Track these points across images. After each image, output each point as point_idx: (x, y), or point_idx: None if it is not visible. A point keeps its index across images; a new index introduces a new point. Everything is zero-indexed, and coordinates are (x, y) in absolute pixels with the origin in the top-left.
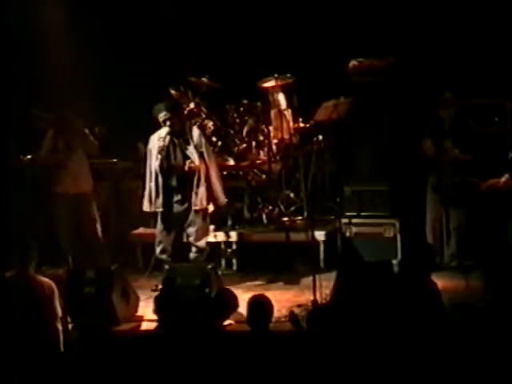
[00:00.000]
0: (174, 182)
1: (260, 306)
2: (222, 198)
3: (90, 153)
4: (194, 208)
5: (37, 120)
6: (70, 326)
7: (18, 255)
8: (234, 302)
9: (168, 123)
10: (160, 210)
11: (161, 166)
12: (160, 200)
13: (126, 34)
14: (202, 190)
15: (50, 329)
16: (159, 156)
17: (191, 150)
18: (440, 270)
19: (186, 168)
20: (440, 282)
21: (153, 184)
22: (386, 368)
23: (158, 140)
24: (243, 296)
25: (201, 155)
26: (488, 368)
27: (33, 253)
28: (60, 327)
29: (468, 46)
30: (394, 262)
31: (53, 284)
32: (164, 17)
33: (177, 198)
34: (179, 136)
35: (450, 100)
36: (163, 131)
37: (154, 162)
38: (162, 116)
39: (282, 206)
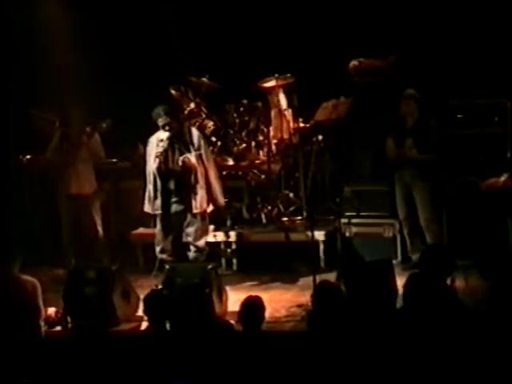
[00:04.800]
0: (172, 186)
1: (253, 307)
2: (221, 199)
3: (94, 155)
4: (194, 211)
5: (37, 120)
6: (69, 326)
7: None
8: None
9: (167, 128)
10: (159, 212)
11: (159, 169)
12: (158, 202)
13: (126, 34)
14: (202, 193)
15: (34, 327)
16: (157, 160)
17: (191, 153)
18: None
19: (180, 163)
20: None
21: (151, 186)
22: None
23: (156, 143)
24: (243, 296)
25: (200, 157)
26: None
27: (16, 252)
28: (43, 325)
29: (468, 45)
30: (394, 262)
31: (37, 283)
32: (165, 16)
33: (175, 199)
34: (178, 139)
35: (411, 96)
36: (163, 134)
37: (152, 165)
38: (160, 121)
39: (281, 206)
